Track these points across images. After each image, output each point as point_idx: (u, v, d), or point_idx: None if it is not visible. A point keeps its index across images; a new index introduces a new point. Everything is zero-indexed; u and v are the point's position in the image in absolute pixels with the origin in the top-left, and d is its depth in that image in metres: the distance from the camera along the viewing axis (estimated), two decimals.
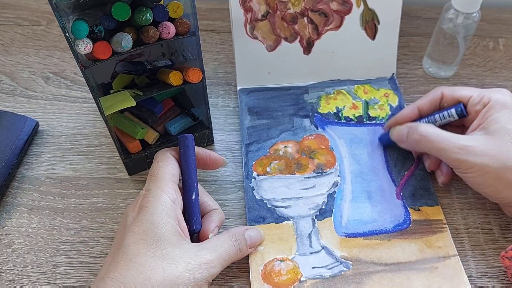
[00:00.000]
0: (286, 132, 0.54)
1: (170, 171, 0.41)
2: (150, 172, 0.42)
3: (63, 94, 0.60)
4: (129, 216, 0.39)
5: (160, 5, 0.41)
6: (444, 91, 0.48)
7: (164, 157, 0.43)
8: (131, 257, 0.36)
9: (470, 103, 0.46)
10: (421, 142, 0.45)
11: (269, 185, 0.49)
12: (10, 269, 0.45)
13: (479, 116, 0.44)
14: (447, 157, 0.44)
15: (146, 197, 0.39)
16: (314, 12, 0.56)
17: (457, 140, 0.43)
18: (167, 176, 0.41)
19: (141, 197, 0.40)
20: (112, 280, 0.35)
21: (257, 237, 0.44)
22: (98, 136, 0.55)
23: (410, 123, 0.48)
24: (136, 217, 0.38)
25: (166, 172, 0.41)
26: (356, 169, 0.51)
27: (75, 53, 0.38)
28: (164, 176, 0.41)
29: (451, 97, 0.47)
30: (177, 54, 0.51)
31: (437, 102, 0.49)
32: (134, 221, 0.38)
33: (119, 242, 0.38)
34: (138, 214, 0.38)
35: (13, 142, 0.52)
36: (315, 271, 0.43)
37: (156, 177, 0.41)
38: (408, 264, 0.43)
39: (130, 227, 0.38)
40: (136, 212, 0.39)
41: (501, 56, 0.64)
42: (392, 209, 0.47)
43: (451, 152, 0.43)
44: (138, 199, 0.40)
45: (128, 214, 0.39)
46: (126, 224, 0.38)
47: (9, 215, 0.48)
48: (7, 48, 0.65)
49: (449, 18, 0.55)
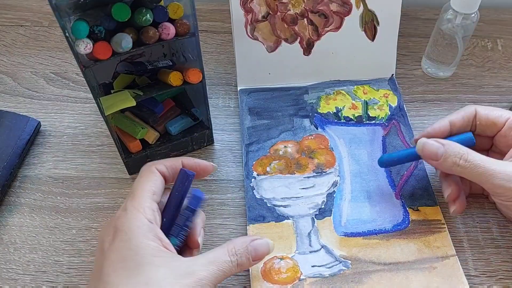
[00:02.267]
0: (286, 132, 0.54)
1: (150, 187, 0.38)
2: (132, 188, 0.39)
3: (65, 95, 0.60)
4: (105, 241, 0.36)
5: (160, 6, 0.41)
6: (477, 109, 0.46)
7: (147, 172, 0.40)
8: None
9: (507, 125, 0.45)
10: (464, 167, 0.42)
11: (269, 185, 0.49)
12: (12, 268, 0.45)
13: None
14: (490, 183, 0.41)
15: (121, 218, 0.36)
16: (314, 13, 0.57)
17: (503, 166, 0.41)
18: (146, 194, 0.38)
19: (115, 218, 0.37)
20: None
21: (263, 249, 0.40)
22: (100, 136, 0.56)
23: (446, 141, 0.44)
24: (112, 242, 0.35)
25: (146, 189, 0.38)
26: (355, 169, 0.51)
27: (75, 53, 0.38)
28: (143, 194, 0.38)
29: (486, 117, 0.46)
30: (178, 54, 0.51)
31: (470, 120, 0.46)
32: (110, 247, 0.35)
33: (98, 271, 0.35)
34: (114, 239, 0.35)
35: (15, 142, 0.52)
36: (314, 270, 0.43)
37: (134, 195, 0.38)
38: (407, 264, 0.43)
39: (108, 254, 0.35)
40: (111, 236, 0.36)
41: (500, 56, 0.64)
42: (391, 209, 0.48)
43: (497, 179, 0.41)
44: (112, 221, 0.37)
45: (103, 238, 0.36)
46: (103, 250, 0.35)
47: (11, 215, 0.49)
48: (9, 49, 0.66)
49: (447, 19, 0.55)
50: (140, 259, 0.34)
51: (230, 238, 0.47)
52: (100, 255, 0.36)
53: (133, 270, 0.33)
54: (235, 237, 0.46)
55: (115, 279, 0.33)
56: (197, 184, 0.51)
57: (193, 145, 0.53)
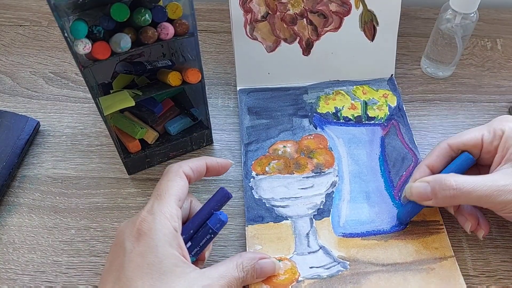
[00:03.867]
0: (285, 132, 0.54)
1: (177, 192, 0.39)
2: (157, 189, 0.39)
3: (64, 94, 0.60)
4: (127, 241, 0.36)
5: (159, 6, 0.41)
6: (449, 143, 0.45)
7: (174, 175, 0.40)
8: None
9: (485, 142, 0.44)
10: (457, 196, 0.41)
11: (268, 185, 0.49)
12: (11, 268, 0.45)
13: (499, 149, 0.43)
14: (490, 203, 0.40)
15: (148, 222, 0.37)
16: (313, 13, 0.56)
17: (494, 181, 0.40)
18: (173, 199, 0.38)
19: (140, 220, 0.37)
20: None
21: (268, 269, 0.41)
22: (99, 136, 0.56)
23: (432, 177, 0.43)
24: (137, 244, 0.36)
25: (173, 193, 0.38)
26: (354, 169, 0.51)
27: (74, 53, 0.38)
28: (170, 199, 0.38)
29: (460, 144, 0.45)
30: (177, 54, 0.51)
31: (446, 156, 0.45)
32: (135, 249, 0.36)
33: (117, 270, 0.35)
34: (139, 241, 0.36)
35: (14, 142, 0.52)
36: (312, 271, 0.43)
37: (162, 198, 0.38)
38: (405, 265, 0.43)
39: (132, 256, 0.35)
40: (134, 237, 0.36)
41: (499, 56, 0.64)
42: (390, 209, 0.48)
43: (494, 197, 0.40)
44: (137, 221, 0.37)
45: (125, 237, 0.37)
46: (125, 249, 0.36)
47: (10, 215, 0.49)
48: (8, 49, 0.66)
49: (447, 19, 0.55)
50: (164, 268, 0.35)
51: (229, 239, 0.47)
52: (121, 254, 0.36)
53: (157, 279, 0.34)
54: (235, 238, 0.47)
55: (139, 283, 0.34)
56: (197, 184, 0.51)
57: (193, 145, 0.53)
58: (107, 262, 0.38)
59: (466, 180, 0.41)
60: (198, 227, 0.40)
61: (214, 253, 0.46)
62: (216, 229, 0.40)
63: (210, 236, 0.40)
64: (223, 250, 0.46)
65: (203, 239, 0.40)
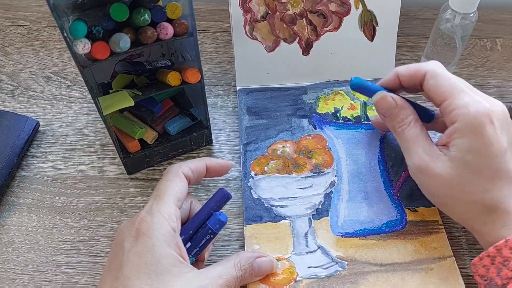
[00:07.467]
0: (284, 132, 0.54)
1: (176, 193, 0.39)
2: (156, 189, 0.40)
3: (64, 94, 0.60)
4: (126, 241, 0.37)
5: (159, 6, 0.41)
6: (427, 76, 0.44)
7: (174, 176, 0.40)
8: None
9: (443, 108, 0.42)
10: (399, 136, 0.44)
11: (266, 185, 0.49)
12: (10, 267, 0.45)
13: (446, 132, 0.42)
14: (409, 161, 0.43)
15: (146, 222, 0.37)
16: (313, 13, 0.57)
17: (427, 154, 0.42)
18: (172, 199, 0.39)
19: (139, 220, 0.37)
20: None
21: (266, 268, 0.41)
22: (98, 136, 0.56)
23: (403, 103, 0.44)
24: (135, 244, 0.36)
25: (172, 194, 0.39)
26: (353, 169, 0.51)
27: (74, 53, 0.38)
28: (169, 200, 0.38)
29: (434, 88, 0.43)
30: (177, 54, 0.51)
31: (417, 82, 0.45)
32: (133, 249, 0.36)
33: (116, 269, 0.36)
34: (137, 241, 0.36)
35: (14, 141, 0.53)
36: (310, 271, 0.43)
37: (160, 198, 0.38)
38: (404, 265, 0.43)
39: (130, 256, 0.36)
40: (133, 237, 0.37)
41: (499, 56, 0.64)
42: (389, 209, 0.48)
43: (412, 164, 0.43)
44: (136, 221, 0.37)
45: (124, 237, 0.37)
46: (124, 249, 0.36)
47: (10, 214, 0.49)
48: (8, 49, 0.66)
49: (446, 19, 0.55)
50: (161, 268, 0.35)
51: (228, 239, 0.47)
52: (120, 253, 0.36)
53: (154, 279, 0.35)
54: (234, 237, 0.47)
55: (136, 282, 0.34)
56: (196, 184, 0.51)
57: (192, 145, 0.53)
58: (107, 261, 0.38)
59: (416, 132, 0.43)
60: (198, 228, 0.40)
61: (213, 253, 0.46)
62: (216, 229, 0.40)
63: (210, 237, 0.40)
64: (222, 250, 0.46)
65: (203, 239, 0.40)
